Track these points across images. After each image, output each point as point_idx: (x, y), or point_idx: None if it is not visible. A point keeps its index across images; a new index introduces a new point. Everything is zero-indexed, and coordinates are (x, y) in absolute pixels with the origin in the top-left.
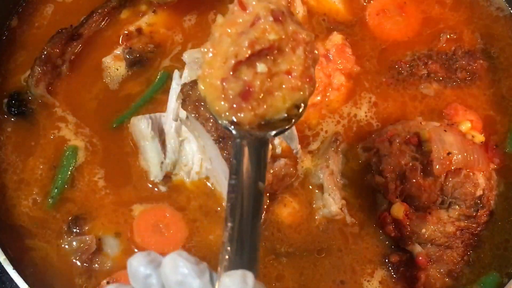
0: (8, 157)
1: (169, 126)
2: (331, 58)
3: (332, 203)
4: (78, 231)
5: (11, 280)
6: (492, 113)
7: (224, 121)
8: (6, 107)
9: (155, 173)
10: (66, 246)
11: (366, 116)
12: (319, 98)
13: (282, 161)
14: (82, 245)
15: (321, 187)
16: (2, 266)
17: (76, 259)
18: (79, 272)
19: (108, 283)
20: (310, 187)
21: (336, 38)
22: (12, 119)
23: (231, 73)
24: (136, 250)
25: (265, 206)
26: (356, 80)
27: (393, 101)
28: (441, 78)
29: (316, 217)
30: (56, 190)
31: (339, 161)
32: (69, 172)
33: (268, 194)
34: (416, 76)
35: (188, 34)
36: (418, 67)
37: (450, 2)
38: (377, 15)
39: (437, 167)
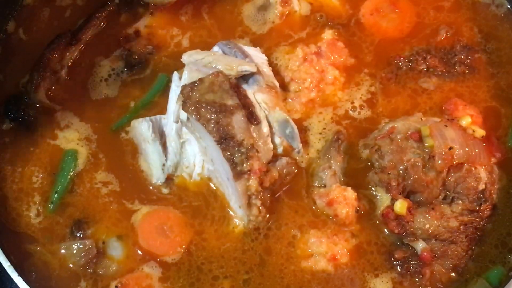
0: (7, 165)
1: (170, 128)
2: (323, 54)
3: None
4: (81, 235)
5: (11, 280)
6: (492, 106)
7: None
8: (3, 111)
9: (157, 176)
10: (65, 251)
11: (365, 112)
12: (313, 94)
13: (284, 160)
14: (82, 249)
15: None
16: (4, 269)
17: (76, 263)
18: (83, 276)
19: (116, 287)
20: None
21: (327, 33)
22: (10, 125)
23: None
24: (140, 252)
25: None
26: (354, 75)
27: (393, 96)
28: (440, 73)
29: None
30: (56, 195)
31: (342, 160)
32: (69, 177)
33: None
34: (415, 71)
35: (185, 27)
36: (417, 62)
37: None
38: (371, 14)
39: (439, 162)
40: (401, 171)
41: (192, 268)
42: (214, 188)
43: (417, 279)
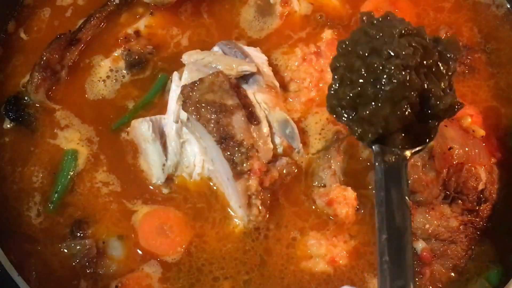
0: (7, 165)
1: (170, 128)
2: (323, 54)
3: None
4: (81, 235)
5: (11, 280)
6: (492, 106)
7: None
8: (3, 111)
9: (157, 176)
10: (66, 250)
11: None
12: (313, 93)
13: (284, 160)
14: (82, 248)
15: None
16: (4, 269)
17: (76, 263)
18: (83, 276)
19: (117, 287)
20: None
21: (327, 33)
22: (10, 125)
23: None
24: (140, 252)
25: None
26: None
27: None
28: None
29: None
30: (56, 195)
31: (341, 160)
32: (69, 177)
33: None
34: None
35: (184, 26)
36: None
37: None
38: None
39: (439, 162)
40: None
41: (193, 269)
42: (215, 188)
43: (417, 279)
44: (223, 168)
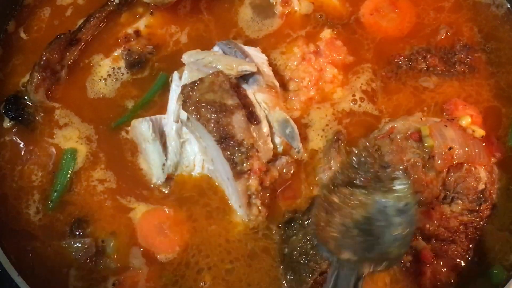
0: (7, 164)
1: (170, 128)
2: (322, 53)
3: None
4: (81, 233)
5: (11, 279)
6: (492, 106)
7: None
8: (3, 110)
9: (157, 175)
10: (65, 249)
11: (365, 111)
12: (312, 92)
13: (284, 159)
14: (81, 247)
15: None
16: (4, 268)
17: (75, 262)
18: (82, 274)
19: (114, 284)
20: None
21: (325, 33)
22: (10, 124)
23: None
24: (139, 251)
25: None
26: (354, 74)
27: (393, 95)
28: (440, 72)
29: None
30: (55, 193)
31: (341, 161)
32: (68, 176)
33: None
34: (415, 70)
35: (183, 23)
36: (417, 61)
37: None
38: (371, 14)
39: (438, 162)
40: (401, 171)
41: (191, 267)
42: (216, 184)
43: (417, 279)
44: (223, 168)
